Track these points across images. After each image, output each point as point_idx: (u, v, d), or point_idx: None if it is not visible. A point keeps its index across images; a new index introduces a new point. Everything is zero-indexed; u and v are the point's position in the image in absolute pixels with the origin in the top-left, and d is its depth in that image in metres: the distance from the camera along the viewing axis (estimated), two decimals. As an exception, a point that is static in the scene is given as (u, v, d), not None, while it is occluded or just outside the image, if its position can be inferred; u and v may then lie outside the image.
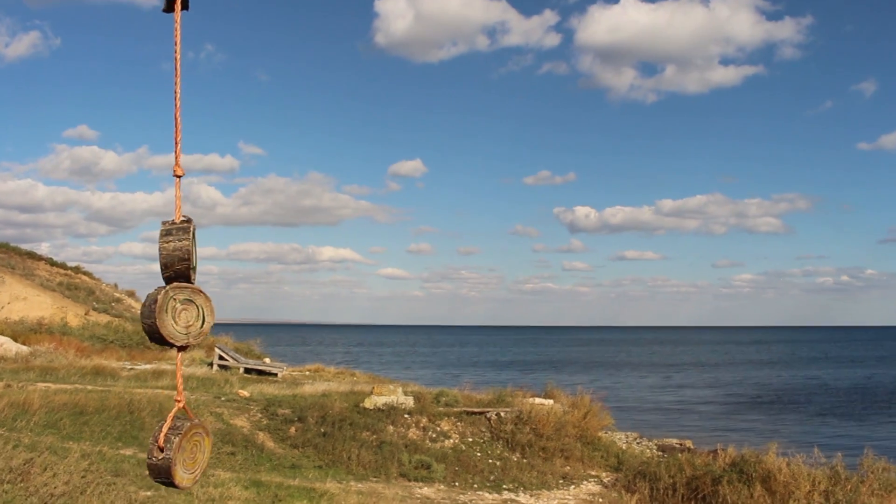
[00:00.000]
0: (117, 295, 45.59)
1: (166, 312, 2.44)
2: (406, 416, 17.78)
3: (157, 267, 2.46)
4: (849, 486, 13.04)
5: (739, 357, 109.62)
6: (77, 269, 45.68)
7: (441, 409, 18.51)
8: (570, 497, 15.30)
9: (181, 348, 2.50)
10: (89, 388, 17.16)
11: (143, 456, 12.79)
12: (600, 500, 14.99)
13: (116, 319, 36.32)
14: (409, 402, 18.34)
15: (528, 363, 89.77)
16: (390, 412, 17.64)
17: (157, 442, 2.43)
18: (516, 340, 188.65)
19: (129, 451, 12.92)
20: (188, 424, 2.45)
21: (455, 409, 18.55)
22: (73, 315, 35.10)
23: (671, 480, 14.96)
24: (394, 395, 18.28)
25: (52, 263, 44.69)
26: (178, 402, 2.51)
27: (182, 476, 2.44)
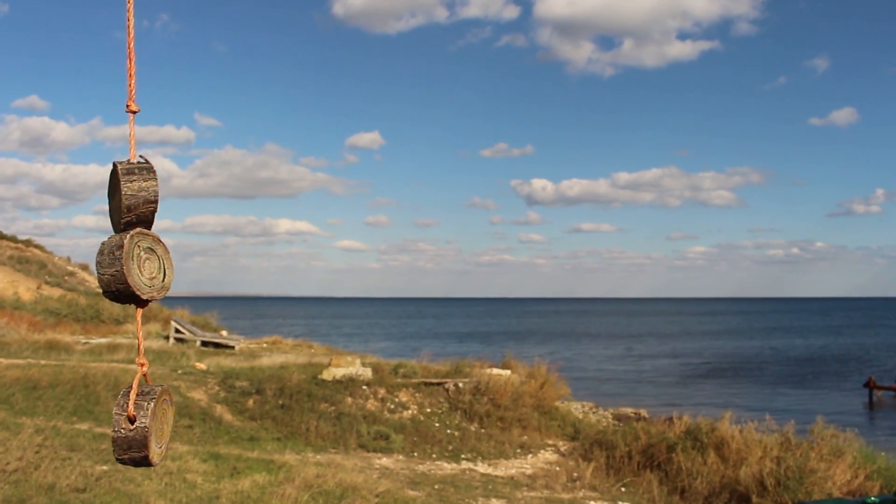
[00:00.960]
0: (70, 268, 45.00)
1: (132, 260, 2.17)
2: (364, 387, 17.81)
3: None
4: (799, 453, 13.33)
5: (695, 328, 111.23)
6: (28, 243, 44.97)
7: (399, 380, 18.57)
8: (528, 465, 15.47)
9: (142, 304, 2.23)
10: (42, 362, 16.96)
11: (100, 430, 12.69)
12: (557, 468, 15.17)
13: (70, 293, 35.84)
14: (368, 373, 18.38)
15: (487, 335, 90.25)
16: (348, 384, 17.67)
17: (125, 411, 2.12)
18: (475, 312, 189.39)
19: (84, 426, 12.82)
20: (159, 389, 2.18)
21: (413, 381, 18.63)
22: (25, 289, 34.58)
23: (627, 448, 15.19)
24: (352, 367, 18.31)
25: (3, 237, 43.94)
26: (142, 365, 2.20)
27: (155, 449, 2.15)
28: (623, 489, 13.97)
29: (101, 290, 2.24)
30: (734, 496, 12.93)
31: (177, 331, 24.69)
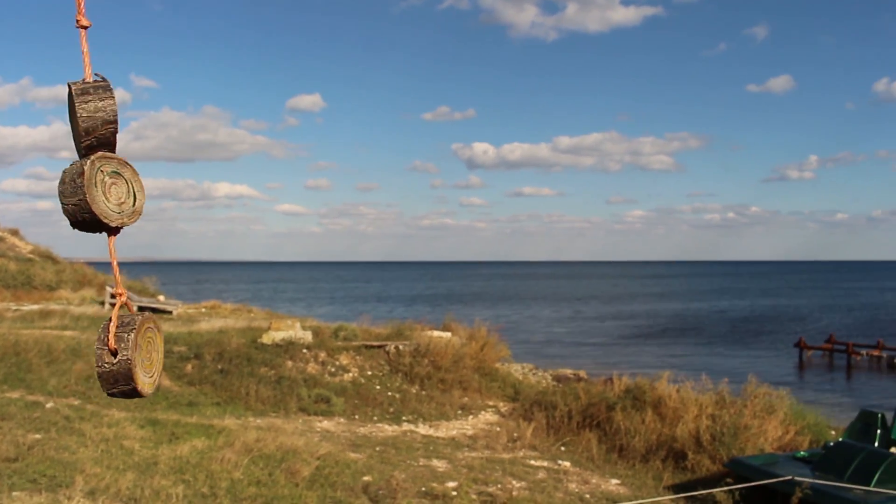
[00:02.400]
0: None
1: (96, 187, 2.03)
2: (304, 350, 17.73)
3: (44, 204, 2.02)
4: (733, 410, 13.61)
5: (637, 290, 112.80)
6: (-43, 208, 43.64)
7: (340, 343, 18.51)
8: (469, 427, 15.57)
9: (113, 232, 2.09)
10: (-27, 329, 16.55)
11: (32, 398, 12.46)
12: (498, 429, 15.30)
13: None
14: (308, 336, 18.28)
15: (434, 297, 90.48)
16: (288, 347, 17.57)
17: (106, 345, 2.02)
18: (420, 276, 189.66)
19: (15, 394, 12.57)
20: (140, 318, 2.06)
21: (354, 343, 18.58)
22: (-46, 256, 33.65)
23: (567, 408, 15.36)
24: (292, 331, 18.19)
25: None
26: (120, 295, 2.10)
27: (143, 380, 2.06)
28: (563, 448, 14.15)
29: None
30: (671, 453, 13.19)
31: (112, 296, 24.25)
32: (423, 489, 10.45)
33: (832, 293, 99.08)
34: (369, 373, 17.66)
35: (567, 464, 13.04)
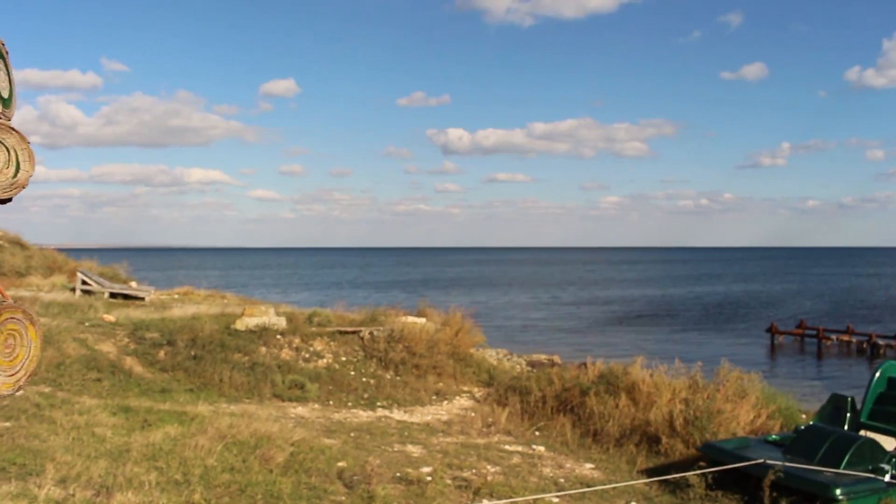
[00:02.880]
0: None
1: None
2: (278, 336, 17.66)
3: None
4: (706, 394, 13.71)
5: (610, 276, 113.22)
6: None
7: (314, 329, 18.46)
8: (444, 412, 15.59)
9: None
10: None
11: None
12: (472, 414, 15.32)
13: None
14: (282, 322, 18.21)
15: (409, 283, 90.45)
16: (262, 333, 17.49)
17: None
18: (394, 262, 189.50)
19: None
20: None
21: (328, 329, 18.53)
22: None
23: (541, 393, 15.42)
24: (265, 316, 18.11)
25: None
26: None
27: None
28: (537, 433, 14.20)
29: None
30: (645, 437, 13.27)
31: (83, 282, 24.03)
32: (398, 474, 10.45)
33: (803, 279, 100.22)
34: (344, 358, 17.63)
35: (541, 448, 13.09)
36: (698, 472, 10.62)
